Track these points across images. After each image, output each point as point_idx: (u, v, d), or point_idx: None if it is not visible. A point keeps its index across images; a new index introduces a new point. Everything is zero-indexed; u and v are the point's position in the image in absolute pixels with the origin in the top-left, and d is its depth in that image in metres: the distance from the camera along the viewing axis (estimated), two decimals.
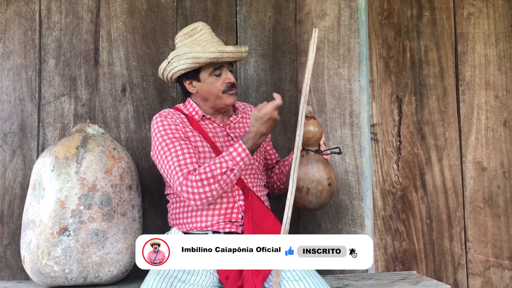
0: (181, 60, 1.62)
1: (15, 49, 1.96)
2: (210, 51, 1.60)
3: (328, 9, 2.12)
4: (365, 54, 2.12)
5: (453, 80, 2.17)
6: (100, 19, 2.00)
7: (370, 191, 2.07)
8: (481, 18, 2.21)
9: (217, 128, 1.70)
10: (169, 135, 1.60)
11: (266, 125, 1.52)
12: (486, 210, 2.13)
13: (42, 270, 1.59)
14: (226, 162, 1.51)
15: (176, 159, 1.55)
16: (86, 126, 1.79)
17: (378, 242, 2.06)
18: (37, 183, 1.68)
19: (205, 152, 1.63)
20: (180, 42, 1.68)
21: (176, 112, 1.69)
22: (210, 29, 1.70)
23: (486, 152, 2.16)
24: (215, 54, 1.61)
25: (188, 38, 1.67)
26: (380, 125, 2.11)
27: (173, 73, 1.67)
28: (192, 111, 1.70)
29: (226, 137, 1.70)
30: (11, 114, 1.94)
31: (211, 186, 1.51)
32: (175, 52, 1.65)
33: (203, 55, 1.60)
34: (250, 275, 1.45)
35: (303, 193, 1.54)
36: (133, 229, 1.71)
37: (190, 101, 1.73)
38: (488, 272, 2.11)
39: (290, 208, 1.45)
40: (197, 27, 1.68)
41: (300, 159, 1.48)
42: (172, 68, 1.66)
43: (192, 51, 1.61)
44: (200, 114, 1.69)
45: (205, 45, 1.64)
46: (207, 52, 1.60)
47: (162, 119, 1.63)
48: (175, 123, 1.63)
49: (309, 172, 1.55)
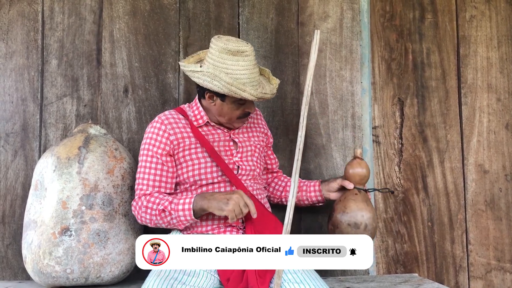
0: (216, 81, 1.54)
1: (17, 49, 1.97)
2: (251, 92, 1.55)
3: (330, 11, 2.12)
4: (367, 56, 2.12)
5: (455, 82, 2.17)
6: (103, 20, 2.01)
7: (371, 193, 2.07)
8: (484, 21, 2.21)
9: (220, 134, 1.70)
10: (153, 149, 1.63)
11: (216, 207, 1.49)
12: (488, 213, 2.13)
13: (43, 270, 1.59)
14: (170, 203, 1.54)
15: (143, 175, 1.62)
16: (88, 126, 1.79)
17: (379, 244, 2.06)
18: (39, 183, 1.68)
19: (204, 158, 1.63)
20: (218, 53, 1.57)
21: (178, 116, 1.68)
22: (254, 56, 1.60)
23: (488, 155, 2.15)
24: (254, 97, 1.57)
25: (230, 56, 1.56)
26: (382, 127, 2.11)
27: (200, 83, 1.59)
28: (197, 114, 1.69)
29: (228, 142, 1.69)
30: (13, 114, 1.94)
31: (148, 215, 1.57)
32: (212, 66, 1.56)
33: (244, 94, 1.55)
34: (254, 281, 1.44)
35: (361, 229, 1.59)
36: (134, 230, 1.71)
37: (198, 103, 1.71)
38: (489, 275, 2.10)
39: (292, 209, 1.45)
40: (245, 51, 1.57)
41: (354, 197, 1.63)
42: (202, 80, 1.57)
43: (233, 82, 1.53)
44: (204, 120, 1.68)
45: (246, 80, 1.56)
46: (248, 92, 1.55)
47: (155, 130, 1.64)
48: (168, 134, 1.63)
49: (367, 210, 1.61)
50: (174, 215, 1.53)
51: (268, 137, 1.86)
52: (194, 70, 1.59)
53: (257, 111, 1.87)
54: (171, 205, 1.53)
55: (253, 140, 1.75)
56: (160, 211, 1.54)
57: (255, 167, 1.71)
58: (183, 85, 2.02)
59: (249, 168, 1.69)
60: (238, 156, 1.68)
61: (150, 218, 1.57)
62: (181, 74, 2.02)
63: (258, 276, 1.44)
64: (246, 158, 1.70)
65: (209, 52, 1.61)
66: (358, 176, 1.65)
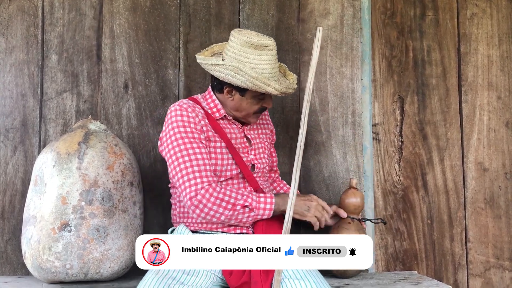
0: (239, 75, 1.50)
1: (17, 44, 1.96)
2: (275, 87, 1.52)
3: (331, 8, 2.12)
4: (368, 53, 2.12)
5: (455, 80, 2.17)
6: (103, 15, 2.00)
7: (371, 191, 2.07)
8: (485, 18, 2.20)
9: (235, 129, 1.66)
10: (188, 134, 1.51)
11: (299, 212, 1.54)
12: (487, 211, 2.13)
13: (43, 266, 1.59)
14: (252, 200, 1.50)
15: (196, 162, 1.48)
16: (88, 122, 1.79)
17: (379, 242, 2.06)
18: (39, 179, 1.68)
19: (222, 153, 1.58)
20: (240, 47, 1.53)
21: (196, 106, 1.60)
22: (276, 51, 1.58)
23: (488, 153, 2.15)
24: (278, 92, 1.53)
25: (253, 50, 1.52)
26: (382, 124, 2.11)
27: (222, 78, 1.54)
28: (213, 107, 1.63)
29: (243, 139, 1.67)
30: (13, 110, 1.94)
31: (225, 210, 1.48)
32: (235, 60, 1.52)
33: (268, 88, 1.51)
34: (258, 277, 1.43)
35: None
36: (134, 226, 1.71)
37: (213, 96, 1.64)
38: (488, 273, 2.11)
39: (292, 207, 1.45)
40: (269, 45, 1.53)
41: (347, 226, 1.67)
42: (224, 74, 1.52)
43: (258, 76, 1.49)
44: (222, 114, 1.63)
45: (269, 75, 1.53)
46: (272, 87, 1.51)
47: (183, 112, 1.53)
48: (197, 117, 1.54)
49: None
50: (254, 213, 1.50)
51: (273, 133, 1.86)
52: (215, 63, 1.53)
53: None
54: (253, 203, 1.49)
55: (262, 137, 1.75)
56: (242, 206, 1.49)
57: (266, 164, 1.71)
58: (183, 81, 2.02)
59: (262, 166, 1.69)
60: (252, 154, 1.67)
61: (221, 211, 1.47)
62: (181, 70, 2.01)
63: (262, 270, 1.44)
64: (259, 155, 1.69)
65: (229, 45, 1.56)
66: (352, 206, 1.71)
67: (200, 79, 2.02)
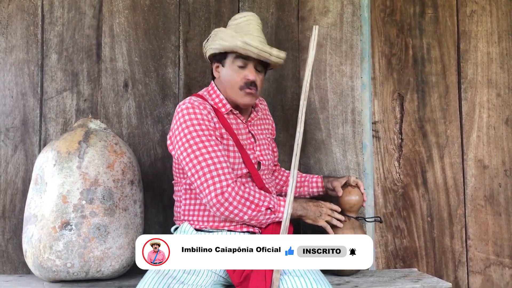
0: (213, 41, 1.61)
1: (17, 43, 1.96)
2: (237, 40, 1.54)
3: (331, 6, 2.12)
4: (368, 51, 2.12)
5: (455, 78, 2.17)
6: (103, 14, 2.00)
7: (371, 188, 2.07)
8: (484, 16, 2.20)
9: (240, 124, 1.66)
10: (205, 132, 1.49)
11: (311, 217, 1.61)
12: (487, 208, 2.14)
13: (44, 264, 1.59)
14: (275, 203, 1.52)
15: (217, 160, 1.46)
16: (88, 121, 1.79)
17: (379, 239, 2.06)
18: (39, 178, 1.68)
19: (234, 151, 1.58)
20: (227, 27, 1.67)
21: (204, 102, 1.57)
22: (258, 23, 1.65)
23: (488, 150, 2.16)
24: (239, 44, 1.53)
25: (233, 21, 1.66)
26: (382, 122, 2.11)
27: (205, 52, 1.67)
28: (218, 102, 1.63)
29: (248, 134, 1.67)
30: (13, 109, 1.94)
31: (248, 210, 1.48)
32: (214, 31, 1.64)
33: (228, 43, 1.55)
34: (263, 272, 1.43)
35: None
36: (134, 224, 1.71)
37: (216, 90, 1.65)
38: (488, 270, 2.11)
39: (290, 205, 1.46)
40: (247, 15, 1.65)
41: (343, 223, 1.68)
42: (208, 48, 1.64)
43: (224, 36, 1.57)
44: (228, 108, 1.62)
45: (237, 34, 1.57)
46: (234, 41, 1.54)
47: (195, 110, 1.51)
48: (208, 113, 1.53)
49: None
50: (275, 215, 1.52)
51: (273, 128, 1.87)
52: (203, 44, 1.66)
53: (263, 101, 1.85)
54: (275, 205, 1.52)
55: (265, 133, 1.76)
56: (266, 208, 1.50)
57: (270, 160, 1.71)
58: (183, 79, 2.02)
59: (267, 163, 1.69)
60: (258, 150, 1.67)
61: (245, 211, 1.48)
62: (181, 69, 2.02)
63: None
64: (264, 152, 1.69)
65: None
66: (348, 204, 1.73)
67: (200, 78, 2.02)
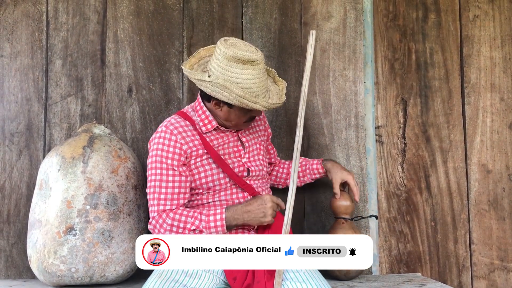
0: (226, 93, 1.48)
1: (22, 49, 1.98)
2: (262, 104, 1.50)
3: (333, 11, 2.12)
4: (371, 56, 2.12)
5: (458, 82, 2.17)
6: (107, 20, 2.02)
7: (374, 193, 2.07)
8: (487, 20, 2.20)
9: (229, 136, 1.66)
10: (167, 161, 1.54)
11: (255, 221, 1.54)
12: (491, 212, 2.13)
13: (48, 269, 1.60)
14: (200, 221, 1.50)
15: (159, 190, 1.54)
16: (93, 126, 1.80)
17: (382, 244, 2.06)
18: (44, 183, 1.69)
19: (211, 169, 1.59)
20: (227, 61, 1.49)
21: (185, 123, 1.60)
22: (264, 64, 1.55)
23: (491, 155, 2.15)
24: (265, 108, 1.52)
25: (240, 65, 1.49)
26: (385, 127, 2.11)
27: (209, 93, 1.52)
28: (204, 119, 1.62)
29: (236, 142, 1.67)
30: (18, 114, 1.96)
31: (177, 233, 1.51)
32: (221, 75, 1.48)
33: (255, 106, 1.50)
34: (263, 277, 1.44)
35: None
36: (138, 229, 1.72)
37: (203, 107, 1.63)
38: (492, 275, 2.11)
39: (291, 208, 1.46)
40: (256, 60, 1.49)
41: (341, 226, 1.78)
42: (211, 90, 1.51)
43: (244, 94, 1.47)
44: (214, 125, 1.62)
45: (256, 90, 1.51)
46: (259, 104, 1.50)
47: (168, 140, 1.55)
48: (181, 144, 1.56)
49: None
50: (205, 232, 1.51)
51: (266, 129, 1.85)
52: (201, 79, 1.51)
53: None
54: (201, 224, 1.50)
55: (257, 139, 1.75)
56: (190, 231, 1.51)
57: (262, 166, 1.71)
58: (187, 85, 2.02)
59: (258, 169, 1.69)
60: (246, 157, 1.67)
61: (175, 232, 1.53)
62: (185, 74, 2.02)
63: (265, 271, 1.45)
64: (253, 158, 1.70)
65: (216, 58, 1.52)
66: (342, 207, 1.79)
67: None
